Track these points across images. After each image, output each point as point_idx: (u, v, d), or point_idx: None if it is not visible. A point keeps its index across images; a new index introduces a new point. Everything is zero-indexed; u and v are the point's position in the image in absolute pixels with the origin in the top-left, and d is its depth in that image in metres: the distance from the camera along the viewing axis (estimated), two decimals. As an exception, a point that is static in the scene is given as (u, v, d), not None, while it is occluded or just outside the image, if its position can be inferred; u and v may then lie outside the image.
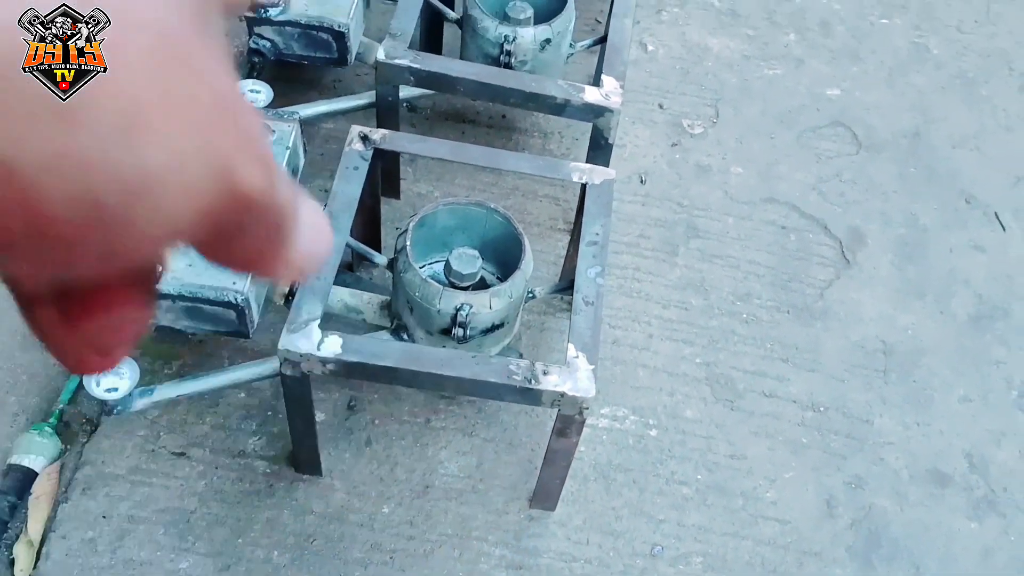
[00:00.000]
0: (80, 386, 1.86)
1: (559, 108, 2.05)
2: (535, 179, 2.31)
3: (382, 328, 1.86)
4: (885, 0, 3.02)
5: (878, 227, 2.44)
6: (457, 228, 1.87)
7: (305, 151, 1.97)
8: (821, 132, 2.64)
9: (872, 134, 2.65)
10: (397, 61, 2.04)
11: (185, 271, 1.65)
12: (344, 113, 2.30)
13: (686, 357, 2.13)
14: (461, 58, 2.27)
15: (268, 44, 2.16)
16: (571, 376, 1.58)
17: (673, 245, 2.34)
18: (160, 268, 0.38)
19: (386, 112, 2.14)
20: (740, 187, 2.48)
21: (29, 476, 1.77)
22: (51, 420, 1.85)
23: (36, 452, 1.79)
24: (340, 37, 2.13)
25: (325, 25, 2.11)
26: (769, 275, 2.31)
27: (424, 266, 1.90)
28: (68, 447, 1.85)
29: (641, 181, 2.46)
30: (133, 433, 1.86)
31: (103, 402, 1.62)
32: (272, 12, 2.11)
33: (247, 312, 1.65)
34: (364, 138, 1.87)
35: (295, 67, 2.35)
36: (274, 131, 1.88)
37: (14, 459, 1.78)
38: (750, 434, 2.03)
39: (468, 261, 1.75)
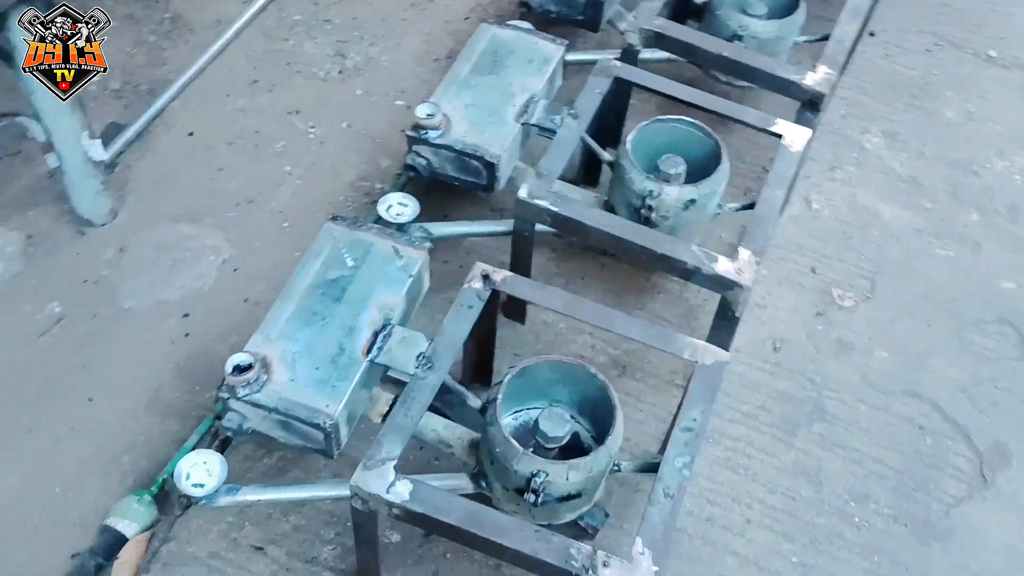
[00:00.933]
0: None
1: (688, 274, 2.01)
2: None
3: (468, 465, 1.87)
4: (1089, 190, 2.78)
5: (1029, 447, 2.22)
6: (558, 381, 1.86)
7: (431, 275, 2.02)
8: (985, 328, 2.44)
9: (1043, 339, 2.43)
10: (537, 202, 2.06)
11: (286, 386, 1.73)
12: (483, 236, 2.35)
13: (782, 553, 2.01)
14: (608, 198, 2.28)
15: (424, 162, 2.24)
16: (630, 575, 1.52)
17: (794, 424, 2.22)
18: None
19: (521, 246, 2.16)
20: (881, 373, 2.33)
21: (120, 540, 1.88)
22: (152, 488, 1.96)
23: (131, 518, 1.90)
24: (491, 167, 2.18)
25: (478, 154, 2.18)
26: (894, 478, 2.14)
27: (520, 411, 1.89)
28: (163, 517, 1.95)
29: (774, 348, 2.36)
30: (221, 519, 1.95)
31: (188, 496, 1.70)
32: (432, 134, 2.20)
33: (334, 436, 1.70)
34: (485, 277, 1.90)
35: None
36: (402, 256, 1.94)
37: (110, 520, 1.90)
38: (833, 656, 1.88)
39: (557, 423, 1.73)
